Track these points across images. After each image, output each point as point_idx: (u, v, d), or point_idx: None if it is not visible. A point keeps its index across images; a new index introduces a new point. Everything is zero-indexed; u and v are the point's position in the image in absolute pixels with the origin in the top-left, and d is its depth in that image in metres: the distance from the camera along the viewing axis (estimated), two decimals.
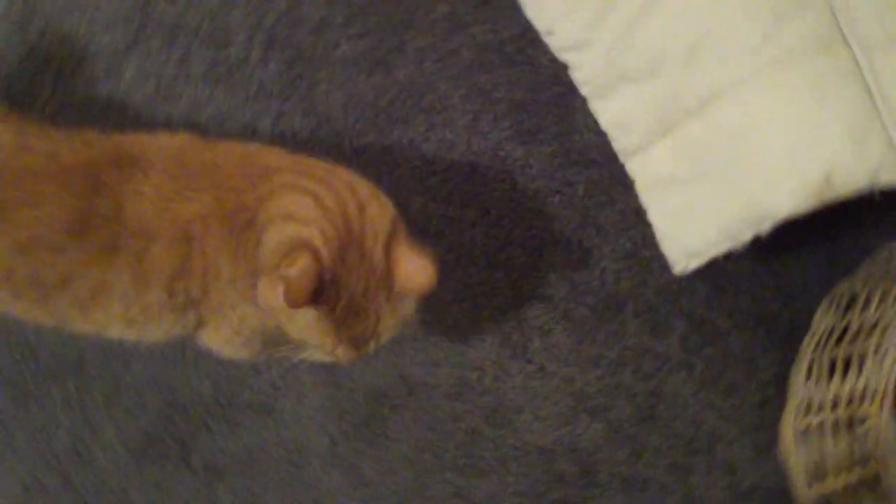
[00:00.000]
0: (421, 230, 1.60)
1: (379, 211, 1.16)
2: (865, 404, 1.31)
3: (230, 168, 1.17)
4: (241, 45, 1.71)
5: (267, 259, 1.11)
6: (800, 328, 1.62)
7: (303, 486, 1.57)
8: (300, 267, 1.04)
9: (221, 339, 1.26)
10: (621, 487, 1.59)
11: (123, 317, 1.17)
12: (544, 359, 1.62)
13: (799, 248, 1.68)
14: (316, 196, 1.13)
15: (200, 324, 1.23)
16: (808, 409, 1.46)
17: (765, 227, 1.33)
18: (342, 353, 1.18)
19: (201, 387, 1.59)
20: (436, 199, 1.66)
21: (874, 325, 1.37)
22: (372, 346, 1.20)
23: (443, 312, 1.62)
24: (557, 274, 1.66)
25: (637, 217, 1.67)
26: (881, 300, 1.40)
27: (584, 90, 1.51)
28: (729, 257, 1.57)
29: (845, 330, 1.45)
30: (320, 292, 1.08)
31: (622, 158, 1.52)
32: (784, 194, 1.27)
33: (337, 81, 1.70)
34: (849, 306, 1.48)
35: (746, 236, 1.36)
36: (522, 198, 1.68)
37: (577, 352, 1.63)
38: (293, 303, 1.04)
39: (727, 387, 1.63)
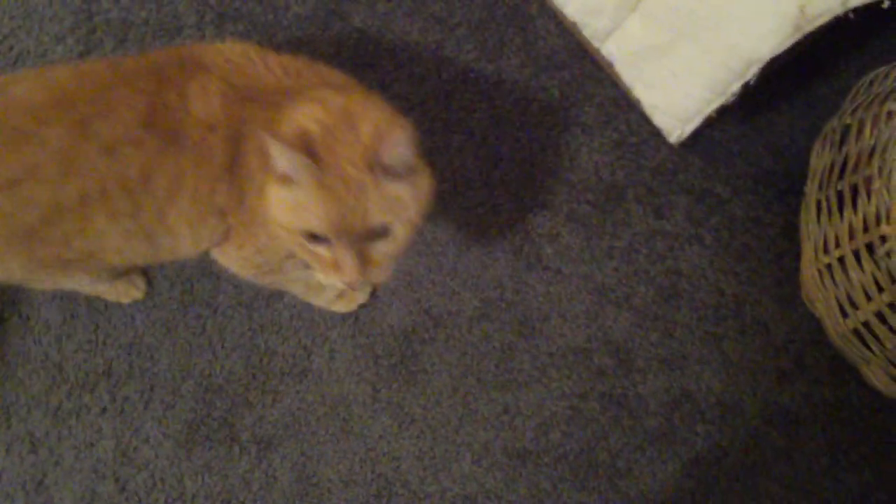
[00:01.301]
0: None
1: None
2: (882, 226, 1.33)
3: (279, 82, 1.19)
4: (194, 27, 1.71)
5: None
6: (797, 178, 1.65)
7: (353, 437, 1.57)
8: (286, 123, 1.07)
9: (239, 257, 1.30)
10: (661, 368, 1.60)
11: (189, 220, 1.21)
12: (559, 262, 1.64)
13: (777, 103, 1.71)
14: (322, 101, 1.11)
15: (226, 237, 1.27)
16: (826, 247, 1.48)
17: (751, 72, 1.35)
18: (335, 211, 1.07)
19: (232, 364, 1.59)
20: (419, 132, 1.66)
21: (872, 150, 1.40)
22: (367, 215, 1.07)
23: (451, 239, 1.63)
24: (553, 178, 1.67)
25: (616, 107, 1.69)
26: (874, 125, 1.42)
27: None
28: (715, 126, 1.60)
29: (844, 164, 1.47)
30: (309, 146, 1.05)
31: (597, 44, 1.53)
32: (764, 35, 1.29)
33: (295, 41, 1.70)
34: (842, 141, 1.50)
35: (735, 87, 1.38)
36: (502, 113, 1.70)
37: (588, 249, 1.65)
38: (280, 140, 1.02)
39: (740, 250, 1.65)
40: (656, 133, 1.67)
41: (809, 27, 1.26)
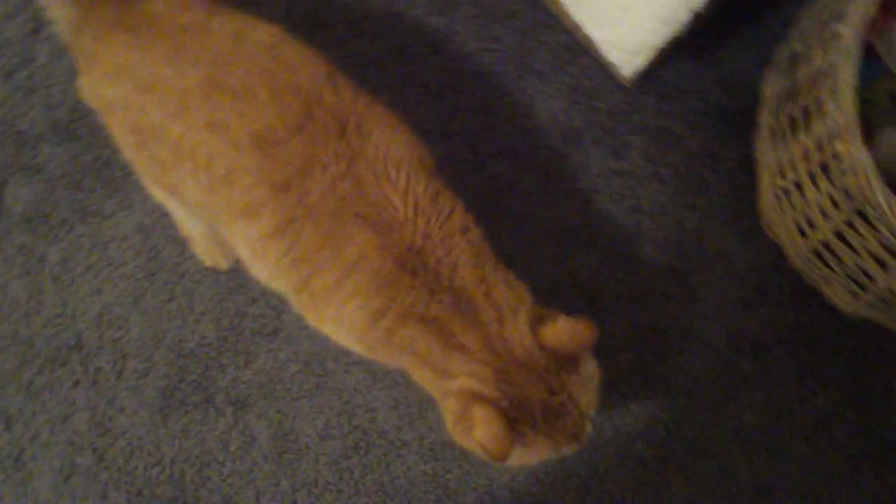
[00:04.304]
0: None
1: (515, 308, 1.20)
2: (835, 144, 1.34)
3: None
4: None
5: (449, 424, 1.16)
6: (751, 110, 1.67)
7: (328, 391, 1.58)
8: (480, 420, 1.07)
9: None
10: (627, 305, 1.62)
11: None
12: (521, 207, 1.65)
13: (726, 38, 1.73)
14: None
15: None
16: (782, 171, 1.51)
17: (699, 0, 1.36)
18: (568, 450, 1.16)
19: (203, 329, 1.60)
20: (375, 89, 1.67)
21: (822, 73, 1.41)
22: (588, 427, 1.16)
23: None
24: (511, 125, 1.68)
25: (569, 52, 1.70)
26: (823, 49, 1.43)
27: None
28: (667, 65, 1.61)
29: (795, 89, 1.49)
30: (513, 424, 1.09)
31: None
32: None
33: (250, 4, 1.70)
34: (793, 67, 1.52)
35: (683, 16, 1.40)
36: (457, 65, 1.71)
37: (548, 193, 1.66)
38: (501, 458, 1.06)
39: (698, 184, 1.68)
40: (610, 76, 1.69)
41: None
